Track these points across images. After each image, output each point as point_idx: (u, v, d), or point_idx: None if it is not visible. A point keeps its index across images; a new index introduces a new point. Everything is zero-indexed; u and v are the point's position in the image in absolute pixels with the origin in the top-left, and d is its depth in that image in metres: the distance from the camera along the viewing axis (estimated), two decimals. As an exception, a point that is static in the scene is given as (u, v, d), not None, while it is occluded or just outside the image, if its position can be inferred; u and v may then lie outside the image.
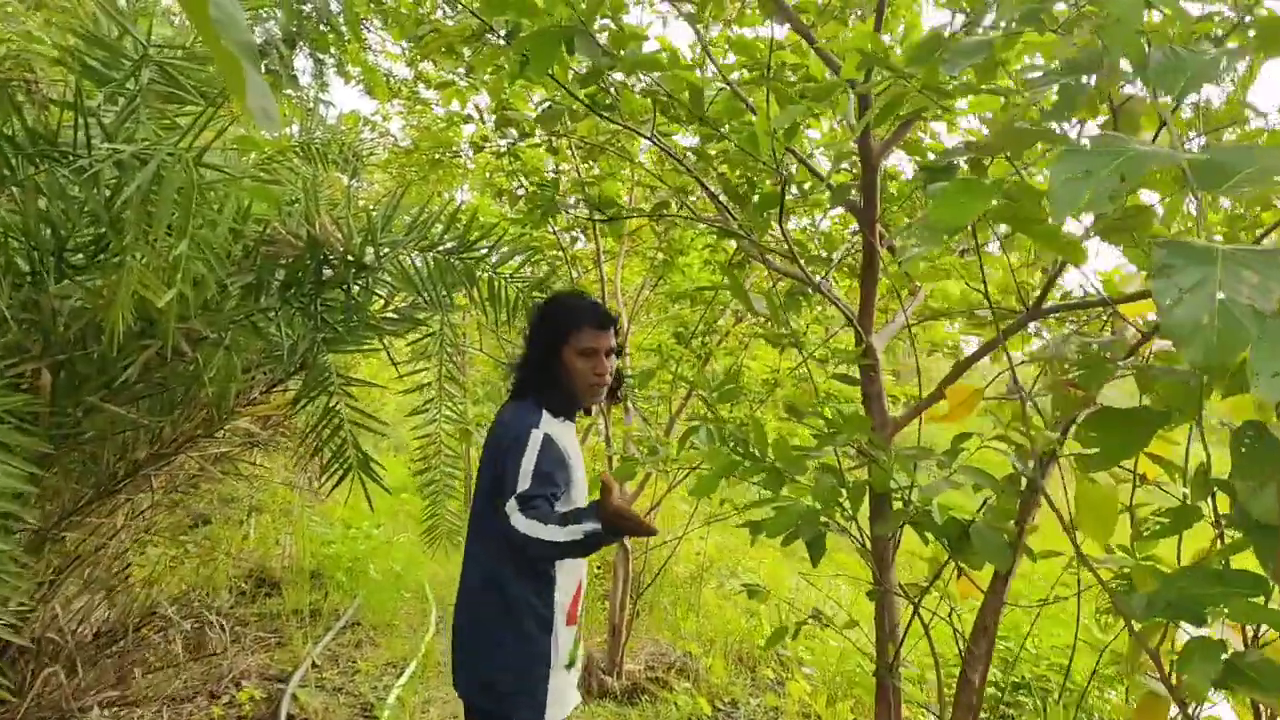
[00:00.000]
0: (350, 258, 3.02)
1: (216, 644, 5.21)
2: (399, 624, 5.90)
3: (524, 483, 2.27)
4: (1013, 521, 2.12)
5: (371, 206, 3.85)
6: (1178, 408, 1.63)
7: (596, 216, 3.28)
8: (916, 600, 2.29)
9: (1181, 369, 1.63)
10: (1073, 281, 7.50)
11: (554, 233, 5.63)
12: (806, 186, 3.66)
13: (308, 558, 6.87)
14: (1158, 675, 1.57)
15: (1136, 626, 1.61)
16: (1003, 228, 3.86)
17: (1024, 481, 2.41)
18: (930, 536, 2.23)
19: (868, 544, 2.42)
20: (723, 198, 2.95)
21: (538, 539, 2.17)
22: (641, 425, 4.34)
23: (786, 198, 3.69)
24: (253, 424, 3.83)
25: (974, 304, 3.29)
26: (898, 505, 2.37)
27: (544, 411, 2.43)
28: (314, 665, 5.00)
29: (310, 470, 8.28)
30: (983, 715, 2.38)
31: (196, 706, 4.31)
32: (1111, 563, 1.85)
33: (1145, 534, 1.71)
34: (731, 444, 2.55)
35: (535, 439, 2.34)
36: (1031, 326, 3.04)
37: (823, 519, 2.25)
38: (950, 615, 2.42)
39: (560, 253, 5.63)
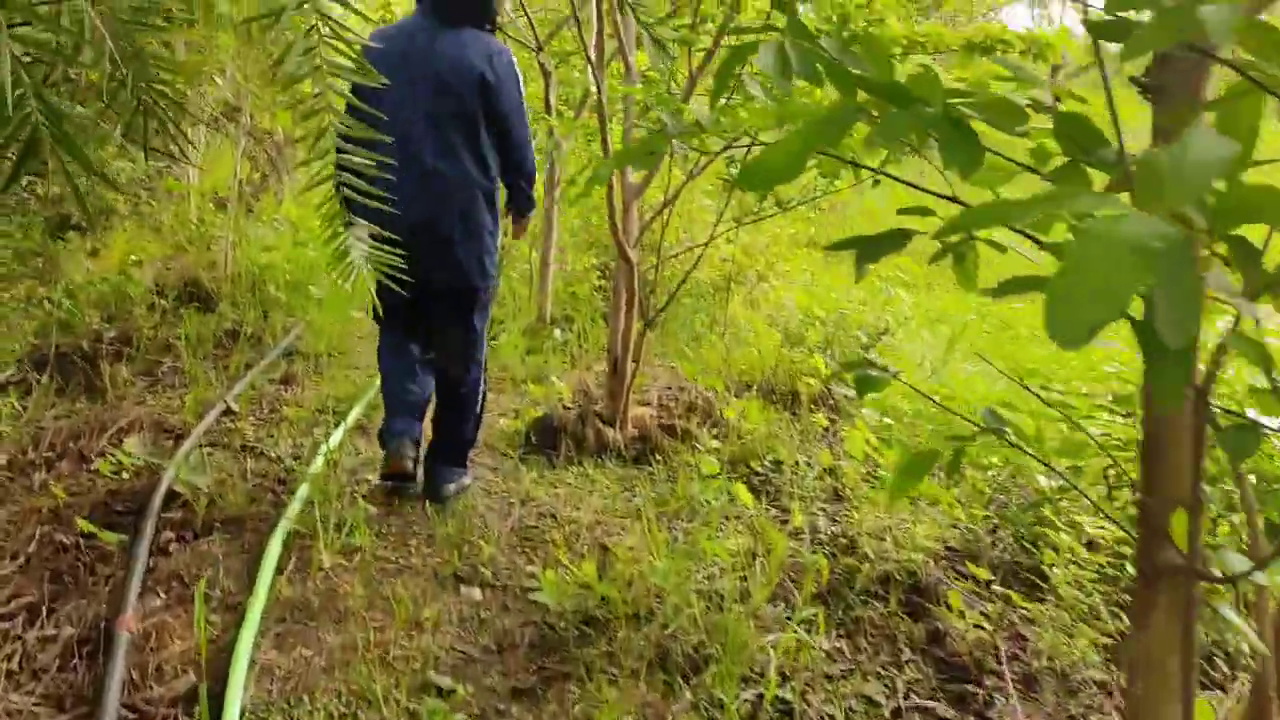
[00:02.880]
0: None
1: (111, 378, 4.04)
2: (348, 353, 4.71)
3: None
4: None
5: None
6: None
7: None
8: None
9: None
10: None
11: None
12: None
13: (245, 265, 5.58)
14: None
15: None
16: None
17: None
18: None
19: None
20: None
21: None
22: (655, 60, 2.80)
23: None
24: None
25: None
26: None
27: None
28: (227, 412, 3.84)
29: (255, 148, 6.83)
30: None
31: (54, 474, 3.18)
32: None
33: None
34: (829, 64, 1.14)
35: None
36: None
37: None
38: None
39: None
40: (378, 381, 4.26)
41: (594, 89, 4.21)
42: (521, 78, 3.01)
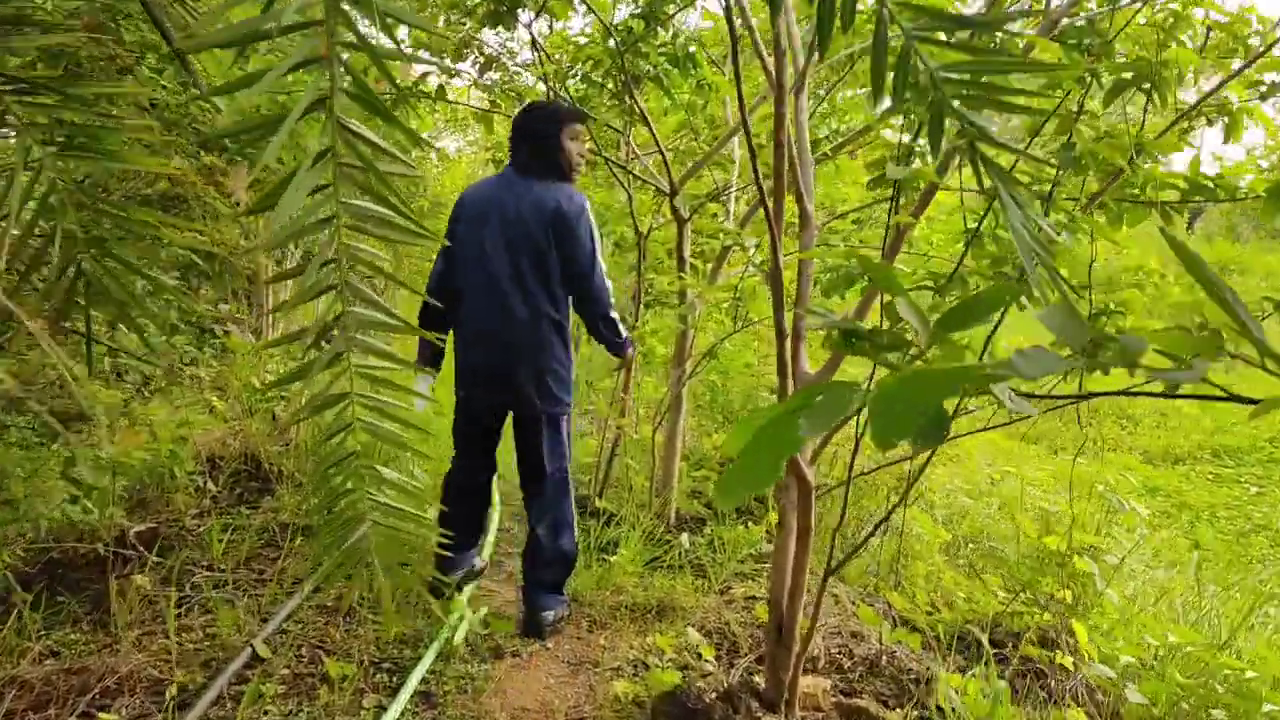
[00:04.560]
0: None
1: (119, 596, 3.12)
2: (421, 560, 3.72)
3: (601, 260, 3.17)
4: None
5: None
6: None
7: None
8: None
9: None
10: None
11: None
12: None
13: (309, 436, 4.72)
14: None
15: None
16: None
17: None
18: None
19: None
20: None
21: (617, 319, 3.28)
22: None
23: None
24: None
25: None
26: None
27: None
28: (253, 661, 2.86)
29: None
30: None
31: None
32: None
33: None
34: None
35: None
36: None
37: None
38: None
39: None
40: (453, 623, 3.27)
41: (747, 245, 3.28)
42: (595, 225, 3.15)
